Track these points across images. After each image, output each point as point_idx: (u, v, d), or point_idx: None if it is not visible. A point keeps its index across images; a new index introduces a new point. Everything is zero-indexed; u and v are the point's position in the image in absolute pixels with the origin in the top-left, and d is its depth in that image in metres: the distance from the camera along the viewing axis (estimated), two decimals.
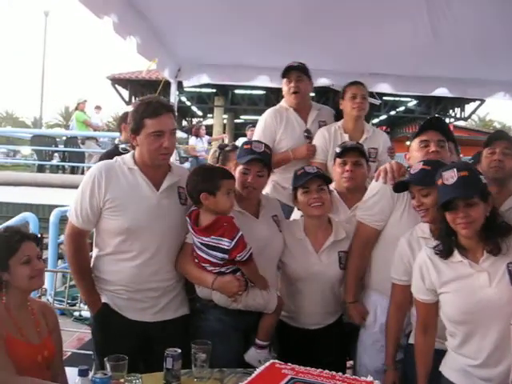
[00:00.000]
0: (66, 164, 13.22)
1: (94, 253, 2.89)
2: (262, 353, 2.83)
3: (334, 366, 2.28)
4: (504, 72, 5.50)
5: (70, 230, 2.83)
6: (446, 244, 2.42)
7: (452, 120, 22.05)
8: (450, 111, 21.42)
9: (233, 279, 2.73)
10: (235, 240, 2.65)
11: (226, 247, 2.65)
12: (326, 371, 2.15)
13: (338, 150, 3.36)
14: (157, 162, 2.77)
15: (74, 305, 5.21)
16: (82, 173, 12.58)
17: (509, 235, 2.35)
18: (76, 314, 5.85)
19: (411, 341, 2.72)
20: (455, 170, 2.32)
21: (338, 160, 3.32)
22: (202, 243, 2.72)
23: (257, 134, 4.29)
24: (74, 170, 12.94)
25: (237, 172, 2.98)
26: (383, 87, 5.85)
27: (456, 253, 2.41)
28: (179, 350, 2.30)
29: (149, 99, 2.80)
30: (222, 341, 2.74)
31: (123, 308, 2.81)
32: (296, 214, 3.36)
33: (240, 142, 14.05)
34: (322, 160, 3.98)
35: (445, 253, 2.43)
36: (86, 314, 5.71)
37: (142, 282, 2.78)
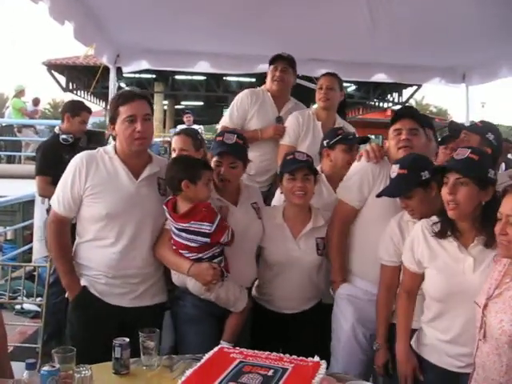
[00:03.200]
0: (2, 153, 12.79)
1: (76, 241, 2.94)
2: None
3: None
4: (440, 58, 5.69)
5: (53, 216, 2.91)
6: (444, 223, 2.46)
7: (390, 105, 22.53)
8: (389, 96, 21.82)
9: (209, 267, 2.76)
10: (215, 223, 2.72)
11: (207, 231, 2.71)
12: (274, 353, 2.18)
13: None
14: (133, 147, 2.81)
15: (16, 298, 5.07)
16: (20, 162, 12.22)
17: None
18: (18, 307, 5.70)
19: (395, 320, 2.78)
20: (469, 150, 2.41)
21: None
22: (181, 229, 2.76)
23: (230, 109, 4.32)
24: (10, 160, 12.54)
25: (212, 164, 3.01)
26: (323, 73, 5.92)
27: (449, 234, 2.46)
28: (127, 339, 2.29)
29: (123, 90, 2.93)
30: (197, 326, 2.82)
31: (102, 292, 2.85)
32: (277, 198, 3.39)
33: (179, 128, 13.87)
34: (291, 143, 4.00)
35: (440, 233, 2.48)
36: (29, 306, 5.59)
37: (120, 269, 2.83)
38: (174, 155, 3.60)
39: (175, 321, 2.95)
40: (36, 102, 13.08)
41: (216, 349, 2.25)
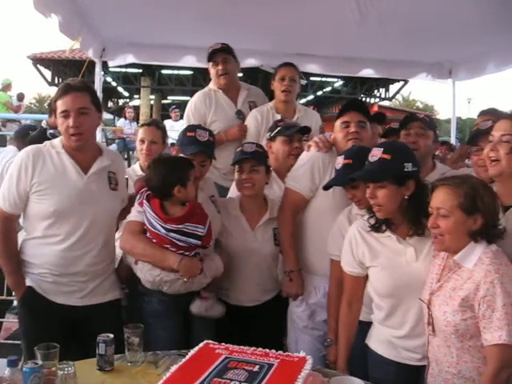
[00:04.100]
0: None
1: (23, 237, 2.85)
2: (207, 303, 2.88)
3: (271, 343, 2.30)
4: (426, 54, 5.70)
5: None
6: (378, 218, 2.49)
7: (377, 100, 22.61)
8: (376, 91, 21.89)
9: (199, 262, 2.77)
10: (207, 226, 2.73)
11: (200, 233, 2.70)
12: (260, 349, 2.17)
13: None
14: (71, 143, 2.74)
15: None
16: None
17: None
18: None
19: None
20: (382, 150, 2.43)
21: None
22: (172, 230, 2.70)
23: (186, 117, 4.26)
24: None
25: None
26: (311, 67, 5.93)
27: (385, 228, 2.49)
28: (111, 336, 2.26)
29: (64, 82, 2.83)
30: (164, 321, 2.80)
31: (48, 291, 2.77)
32: (232, 190, 3.38)
33: (167, 123, 13.83)
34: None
35: (376, 226, 2.51)
36: (14, 303, 5.53)
37: (68, 266, 2.76)
38: (141, 146, 3.58)
39: (141, 317, 2.85)
40: (20, 97, 12.91)
41: (201, 344, 2.23)
